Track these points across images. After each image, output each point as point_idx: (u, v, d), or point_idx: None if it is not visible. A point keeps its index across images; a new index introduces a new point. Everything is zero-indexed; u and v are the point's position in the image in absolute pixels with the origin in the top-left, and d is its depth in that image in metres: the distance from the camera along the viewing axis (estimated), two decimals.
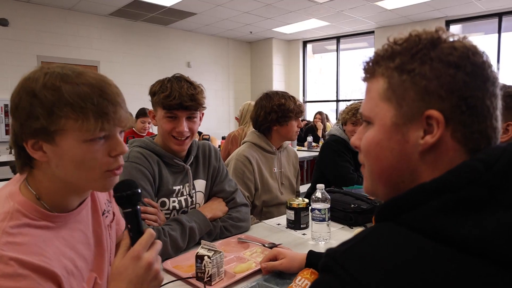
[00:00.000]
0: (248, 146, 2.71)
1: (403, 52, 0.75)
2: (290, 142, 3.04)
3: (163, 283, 1.43)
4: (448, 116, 0.71)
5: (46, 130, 0.92)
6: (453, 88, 0.70)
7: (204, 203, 2.07)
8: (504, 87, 1.69)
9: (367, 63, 0.83)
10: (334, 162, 3.33)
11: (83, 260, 1.10)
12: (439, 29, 0.76)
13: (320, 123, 8.83)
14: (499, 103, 0.75)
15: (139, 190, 0.97)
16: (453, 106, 0.70)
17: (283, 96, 2.68)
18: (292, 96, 2.71)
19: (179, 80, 1.84)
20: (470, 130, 0.71)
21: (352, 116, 3.24)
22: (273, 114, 2.62)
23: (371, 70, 0.82)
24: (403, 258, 0.61)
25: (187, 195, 1.97)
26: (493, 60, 0.77)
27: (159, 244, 1.01)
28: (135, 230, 0.97)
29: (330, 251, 0.69)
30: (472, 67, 0.71)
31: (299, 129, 2.76)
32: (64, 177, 0.99)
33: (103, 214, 1.23)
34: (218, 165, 2.13)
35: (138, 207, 0.98)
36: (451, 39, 0.74)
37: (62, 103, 0.91)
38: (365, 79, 0.85)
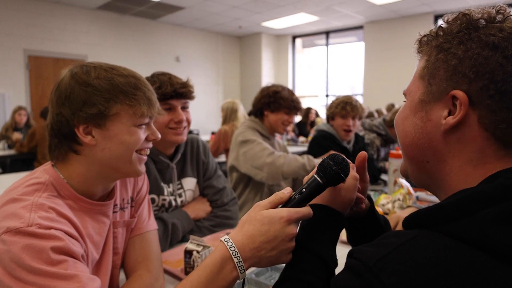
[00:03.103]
0: (248, 127, 2.80)
1: (447, 32, 0.74)
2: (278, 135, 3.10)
3: None
4: (475, 99, 0.67)
5: (102, 115, 1.04)
6: (483, 70, 0.66)
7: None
8: None
9: (419, 41, 0.80)
10: (322, 156, 3.34)
11: (97, 253, 1.14)
12: (501, 9, 0.72)
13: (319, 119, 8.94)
14: None
15: (344, 178, 0.89)
16: (481, 88, 0.66)
17: (283, 87, 2.81)
18: (291, 91, 2.83)
19: (163, 74, 1.84)
20: (498, 117, 0.66)
21: (342, 109, 3.23)
22: (266, 98, 2.76)
23: (420, 49, 0.80)
24: (451, 274, 0.56)
25: (175, 194, 1.95)
26: None
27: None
28: (303, 197, 0.88)
29: (360, 254, 0.64)
30: None
31: (288, 124, 2.82)
32: (107, 159, 1.08)
33: (113, 208, 1.24)
34: (207, 160, 2.09)
35: (327, 186, 0.89)
36: (511, 20, 0.70)
37: (117, 91, 1.05)
38: (419, 58, 0.82)
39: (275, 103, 2.72)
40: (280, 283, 0.83)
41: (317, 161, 2.63)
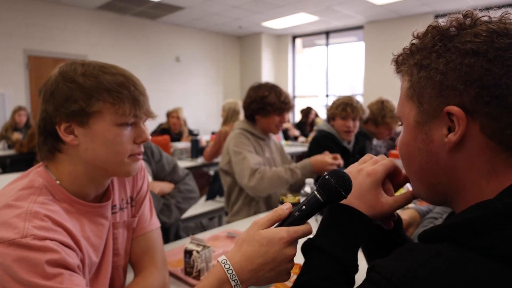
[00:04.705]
0: (240, 131, 2.77)
1: (422, 47, 0.72)
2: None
3: None
4: (471, 109, 0.65)
5: (83, 112, 1.01)
6: (471, 78, 0.64)
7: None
8: None
9: (396, 61, 0.79)
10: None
11: (96, 256, 1.13)
12: (467, 13, 0.71)
13: (318, 119, 8.93)
14: None
15: (346, 196, 0.84)
16: (474, 97, 0.64)
17: (270, 89, 2.74)
18: (279, 91, 2.75)
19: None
20: (501, 124, 0.63)
21: (342, 110, 3.23)
22: (255, 104, 2.72)
23: (399, 69, 0.78)
24: None
25: None
26: None
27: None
28: (303, 215, 0.85)
29: (382, 268, 0.63)
30: (496, 51, 0.63)
31: (281, 124, 2.80)
32: (92, 160, 1.06)
33: (112, 208, 1.23)
34: (150, 145, 2.10)
35: (328, 203, 0.86)
36: (481, 22, 0.69)
37: (101, 88, 1.02)
38: (400, 78, 0.80)
39: (263, 109, 2.69)
40: (298, 286, 0.80)
41: (299, 172, 2.63)
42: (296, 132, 8.21)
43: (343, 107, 3.23)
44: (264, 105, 2.68)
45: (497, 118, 0.63)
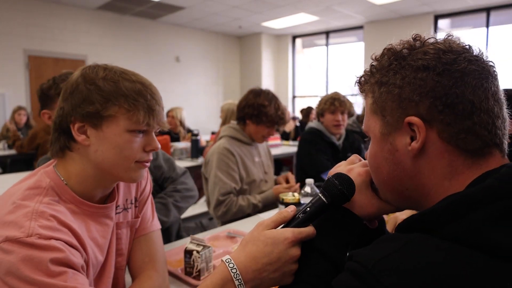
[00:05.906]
0: (227, 139, 2.75)
1: (380, 67, 0.80)
2: None
3: None
4: (427, 118, 0.72)
5: (98, 114, 1.04)
6: (425, 90, 0.71)
7: None
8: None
9: (359, 82, 0.87)
10: (309, 153, 3.41)
11: (102, 256, 1.15)
12: (416, 37, 0.80)
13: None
14: (499, 95, 0.73)
15: (349, 198, 0.86)
16: (429, 107, 0.71)
17: (270, 99, 2.71)
18: (278, 104, 2.73)
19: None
20: (455, 129, 0.70)
21: (330, 105, 3.33)
22: (250, 109, 2.69)
23: (362, 88, 0.86)
24: (450, 274, 0.58)
25: None
26: None
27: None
28: (307, 217, 0.86)
29: (359, 257, 0.67)
30: (444, 66, 0.71)
31: (268, 136, 2.79)
32: (100, 162, 1.08)
33: (115, 209, 1.24)
34: None
35: (332, 206, 0.87)
36: (428, 43, 0.77)
37: (119, 93, 1.05)
38: (364, 97, 0.87)
39: (257, 117, 2.66)
40: (292, 285, 0.84)
41: (261, 206, 2.65)
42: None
43: (331, 102, 3.35)
44: (260, 113, 2.65)
45: (451, 124, 0.70)
